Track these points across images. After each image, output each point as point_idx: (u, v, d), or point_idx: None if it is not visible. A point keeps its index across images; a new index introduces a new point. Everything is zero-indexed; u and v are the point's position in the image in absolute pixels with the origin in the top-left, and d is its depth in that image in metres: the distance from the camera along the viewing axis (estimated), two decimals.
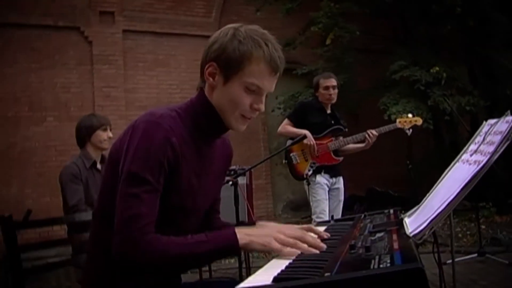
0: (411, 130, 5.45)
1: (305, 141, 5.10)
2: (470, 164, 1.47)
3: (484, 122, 1.66)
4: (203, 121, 1.80)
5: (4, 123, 9.27)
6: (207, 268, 5.65)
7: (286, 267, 1.28)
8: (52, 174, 8.92)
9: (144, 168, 1.60)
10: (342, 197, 5.47)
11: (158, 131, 1.64)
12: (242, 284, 1.12)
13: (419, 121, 5.45)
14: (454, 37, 11.11)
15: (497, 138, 1.42)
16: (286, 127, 5.41)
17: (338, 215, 5.29)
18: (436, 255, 2.04)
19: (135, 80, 10.59)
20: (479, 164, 1.39)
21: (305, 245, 1.55)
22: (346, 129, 5.46)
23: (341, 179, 5.47)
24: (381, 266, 1.04)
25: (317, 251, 1.51)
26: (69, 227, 3.63)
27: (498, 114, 6.27)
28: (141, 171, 1.59)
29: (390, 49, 11.00)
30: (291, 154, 5.38)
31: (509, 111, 1.57)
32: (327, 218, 5.01)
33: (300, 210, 11.63)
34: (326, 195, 5.30)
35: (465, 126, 6.34)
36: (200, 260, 1.63)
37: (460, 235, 7.73)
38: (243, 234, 1.59)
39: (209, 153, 1.87)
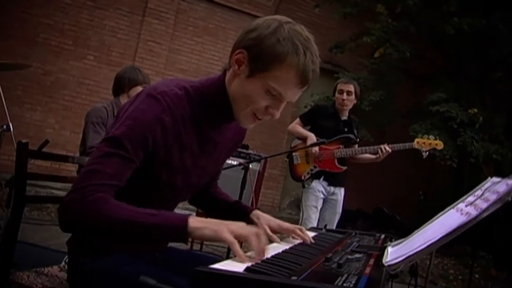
0: (427, 152, 5.23)
1: (307, 143, 5.01)
2: (461, 214, 1.51)
3: (489, 178, 1.69)
4: (212, 106, 1.73)
5: (45, 50, 9.43)
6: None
7: (262, 260, 1.34)
8: (78, 111, 9.13)
9: (126, 135, 1.56)
10: (339, 210, 5.27)
11: (153, 107, 1.60)
12: (216, 265, 1.18)
13: (439, 145, 5.20)
14: (502, 85, 10.99)
15: (492, 197, 1.46)
16: (295, 126, 5.31)
17: (333, 227, 5.11)
18: None
19: (181, 42, 10.66)
20: (468, 216, 1.43)
21: (255, 243, 1.45)
22: (358, 140, 5.29)
23: (341, 190, 5.26)
24: (344, 284, 1.10)
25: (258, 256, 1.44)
26: (79, 167, 3.69)
27: None
28: (121, 137, 1.55)
29: (435, 79, 10.92)
30: (293, 154, 5.26)
31: None
32: (312, 226, 5.02)
33: None
34: (318, 203, 5.13)
35: (485, 173, 6.26)
36: (143, 231, 1.48)
37: (451, 277, 7.71)
38: (197, 219, 1.49)
39: (215, 137, 1.83)
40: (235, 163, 5.08)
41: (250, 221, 1.92)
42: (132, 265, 1.71)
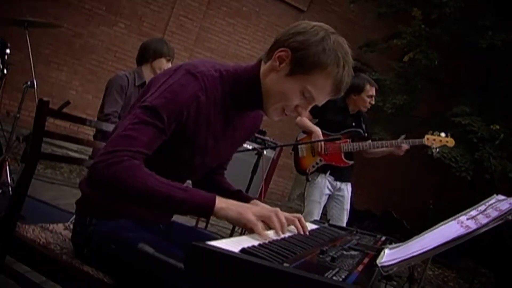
0: (438, 150, 5.14)
1: (312, 137, 4.93)
2: (461, 226, 1.52)
3: (495, 195, 1.71)
4: (242, 92, 1.80)
5: (78, 13, 9.52)
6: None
7: (259, 244, 1.36)
8: (103, 76, 9.20)
9: (164, 107, 1.61)
10: (347, 206, 5.16)
11: (192, 84, 1.66)
12: (213, 242, 1.21)
13: (451, 142, 5.06)
14: None
15: (494, 214, 1.47)
16: (303, 119, 5.09)
17: (343, 224, 5.04)
18: None
19: (213, 21, 10.68)
20: (467, 229, 1.44)
21: (276, 224, 1.62)
22: (366, 134, 5.14)
23: (348, 186, 5.16)
24: (333, 277, 1.12)
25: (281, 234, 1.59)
26: (96, 132, 3.74)
27: None
28: (160, 108, 1.60)
29: (461, 90, 10.85)
30: (299, 146, 5.16)
31: None
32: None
33: None
34: (321, 198, 5.03)
35: (497, 191, 6.17)
36: (171, 204, 1.58)
37: None
38: (222, 200, 1.60)
39: (237, 121, 1.89)
40: (250, 147, 5.11)
41: None
42: (135, 232, 1.76)
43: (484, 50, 9.68)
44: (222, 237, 1.79)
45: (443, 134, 5.07)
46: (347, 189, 5.16)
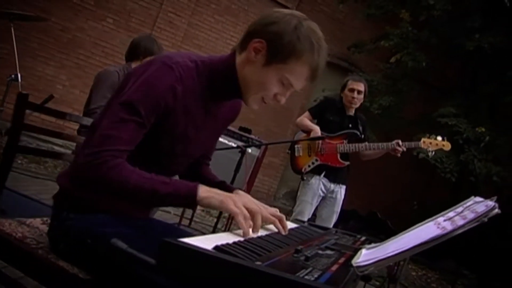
0: (434, 153, 5.21)
1: (311, 135, 4.97)
2: (438, 227, 1.52)
3: (472, 197, 1.71)
4: (220, 82, 1.82)
5: (66, 7, 9.45)
6: (190, 216, 5.77)
7: (234, 242, 1.35)
8: (90, 71, 9.16)
9: (141, 101, 1.63)
10: (338, 209, 5.21)
11: (168, 75, 1.68)
12: (185, 239, 1.20)
13: (447, 145, 5.13)
14: None
15: (470, 216, 1.47)
16: (303, 119, 5.24)
17: (330, 225, 5.06)
18: None
19: (201, 18, 10.65)
20: (443, 230, 1.44)
21: (258, 222, 1.62)
22: (363, 136, 5.21)
23: (342, 188, 5.23)
24: (305, 277, 1.11)
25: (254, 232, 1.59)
26: (80, 127, 3.72)
27: None
28: (137, 103, 1.63)
29: (448, 92, 10.90)
30: (296, 146, 5.22)
31: (496, 197, 1.62)
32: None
33: None
34: (314, 200, 5.08)
35: (481, 194, 6.17)
36: (156, 198, 1.62)
37: None
38: (205, 189, 1.63)
39: (216, 111, 1.92)
40: (234, 145, 5.10)
41: None
42: (112, 228, 1.75)
43: (472, 53, 9.74)
44: (203, 234, 1.79)
45: (439, 138, 5.13)
46: (340, 191, 5.20)
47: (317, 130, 5.01)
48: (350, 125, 5.17)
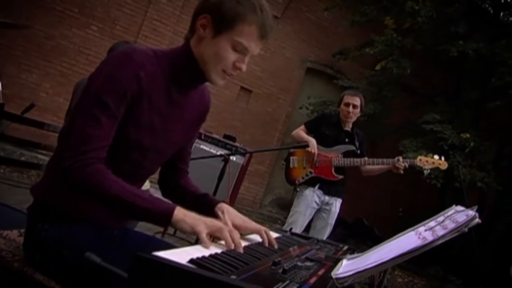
0: (429, 171, 5.16)
1: (309, 148, 4.96)
2: (419, 237, 1.50)
3: (454, 206, 1.70)
4: (180, 68, 1.85)
5: (50, 14, 9.39)
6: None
7: (210, 255, 1.33)
8: (74, 79, 9.08)
9: (108, 93, 1.66)
10: (332, 221, 5.19)
11: (129, 62, 1.70)
12: (159, 252, 1.17)
13: (443, 164, 5.09)
14: (499, 114, 11.02)
15: (451, 226, 1.45)
16: (299, 131, 5.28)
17: (322, 238, 4.95)
18: None
19: (186, 26, 10.42)
20: (423, 241, 1.43)
21: (227, 238, 1.59)
22: (359, 151, 5.20)
23: (338, 201, 5.19)
24: None
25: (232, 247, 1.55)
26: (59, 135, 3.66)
27: (504, 202, 6.27)
28: (104, 96, 1.65)
29: (433, 99, 10.95)
30: (291, 157, 5.20)
31: (477, 206, 1.61)
32: (296, 231, 4.97)
33: (286, 210, 11.66)
34: (307, 211, 5.06)
35: (466, 201, 6.18)
36: (132, 211, 1.65)
37: None
38: (181, 212, 1.64)
39: (182, 101, 1.92)
40: (218, 153, 5.08)
41: (214, 214, 1.94)
42: (87, 239, 1.75)
43: (455, 59, 9.78)
44: (189, 243, 1.77)
45: (436, 157, 5.12)
46: (335, 204, 5.19)
47: (313, 143, 5.02)
48: (347, 140, 5.19)
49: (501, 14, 12.07)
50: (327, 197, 5.13)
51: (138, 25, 10.14)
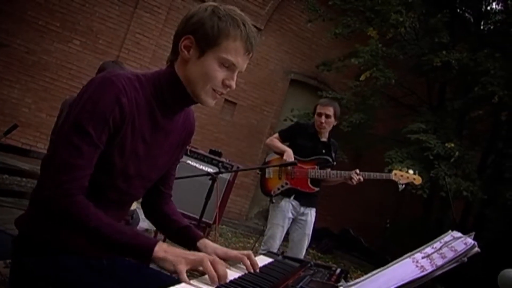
0: (403, 186, 5.08)
1: (284, 157, 4.89)
2: (416, 266, 1.47)
3: (450, 231, 1.66)
4: (166, 91, 1.81)
5: (31, 29, 9.32)
6: None
7: None
8: (56, 94, 9.03)
9: (88, 120, 1.61)
10: (309, 231, 5.12)
11: (110, 88, 1.66)
12: None
13: (417, 180, 5.04)
14: (483, 123, 11.12)
15: (449, 255, 1.42)
16: (273, 140, 5.17)
17: (302, 249, 5.08)
18: None
19: (169, 39, 10.53)
20: (423, 271, 1.40)
21: (210, 271, 1.53)
22: (335, 163, 5.15)
23: (312, 211, 5.12)
24: None
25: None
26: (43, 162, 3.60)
27: (489, 208, 6.31)
28: (85, 123, 1.61)
29: (417, 108, 11.03)
30: (267, 168, 5.13)
31: (474, 233, 1.58)
32: (276, 245, 4.93)
33: None
34: (284, 222, 5.00)
35: (453, 211, 6.20)
36: (111, 246, 1.61)
37: None
38: (162, 248, 1.59)
39: (167, 125, 1.89)
40: (205, 168, 5.04)
41: (197, 249, 1.94)
42: (76, 272, 1.70)
43: (438, 69, 9.88)
44: (170, 276, 1.73)
45: (411, 171, 5.08)
46: (310, 213, 5.11)
47: (289, 153, 4.93)
48: (324, 151, 5.11)
49: (482, 23, 12.23)
50: (302, 208, 5.06)
51: (121, 38, 10.10)
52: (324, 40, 11.66)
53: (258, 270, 1.77)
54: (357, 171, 4.94)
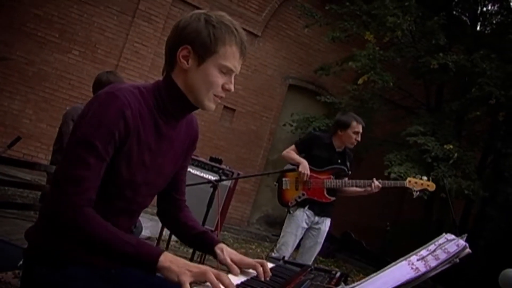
0: (418, 193, 5.19)
1: (300, 168, 4.94)
2: (412, 268, 1.52)
3: (444, 234, 1.72)
4: (167, 101, 1.86)
5: (30, 40, 9.37)
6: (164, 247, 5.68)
7: None
8: (57, 105, 9.08)
9: (95, 135, 1.65)
10: (321, 240, 5.17)
11: (114, 102, 1.70)
12: None
13: (431, 186, 5.12)
14: (480, 124, 11.16)
15: (442, 256, 1.48)
16: (290, 152, 5.19)
17: (312, 256, 5.15)
18: None
19: None
20: (417, 272, 1.45)
21: (213, 282, 1.54)
22: (350, 172, 5.18)
23: (327, 221, 5.18)
24: None
25: None
26: (48, 175, 3.65)
27: (490, 207, 6.35)
28: (91, 137, 1.65)
29: (416, 111, 11.07)
30: (283, 179, 5.16)
31: (466, 234, 1.64)
32: (288, 252, 4.95)
33: (274, 227, 11.69)
34: (298, 231, 5.04)
35: (453, 213, 6.21)
36: (117, 256, 1.64)
37: None
38: (167, 258, 1.61)
39: (171, 134, 1.93)
40: (206, 176, 5.08)
41: (214, 254, 1.99)
42: (85, 282, 1.74)
43: (436, 71, 9.92)
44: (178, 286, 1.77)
45: (425, 178, 5.15)
46: (325, 223, 5.16)
47: (305, 164, 4.99)
48: (339, 161, 5.16)
49: (478, 24, 12.29)
50: (317, 217, 5.11)
51: (120, 48, 10.15)
52: (321, 45, 11.72)
53: (268, 279, 1.81)
54: (374, 179, 5.02)
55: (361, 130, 5.12)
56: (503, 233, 10.95)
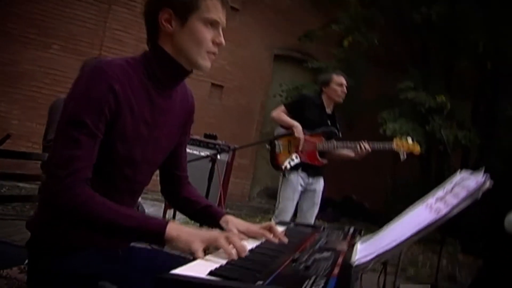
0: (405, 156, 5.09)
1: (296, 134, 4.88)
2: (431, 210, 1.48)
3: (459, 170, 1.67)
4: (157, 69, 1.81)
5: (9, 40, 9.24)
6: None
7: (227, 262, 1.30)
8: (43, 101, 8.96)
9: (84, 112, 1.60)
10: (318, 200, 5.18)
11: (102, 77, 1.64)
12: (177, 270, 1.14)
13: (416, 150, 5.04)
14: (469, 73, 11.13)
15: (463, 193, 1.43)
16: (280, 113, 5.13)
17: (311, 218, 5.14)
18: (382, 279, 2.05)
19: None
20: (438, 213, 1.40)
21: (225, 247, 1.48)
22: (340, 134, 5.16)
23: (320, 180, 5.18)
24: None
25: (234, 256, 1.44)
26: (42, 162, 3.60)
27: (488, 153, 6.36)
28: (80, 115, 1.60)
29: (404, 67, 11.00)
30: (276, 142, 5.12)
31: (484, 167, 1.59)
32: (287, 218, 4.90)
33: (275, 198, 11.66)
34: (295, 195, 5.03)
35: (452, 161, 6.21)
36: (122, 232, 1.59)
37: (420, 264, 7.78)
38: (174, 228, 1.57)
39: (165, 105, 1.88)
40: (203, 154, 5.03)
41: (220, 226, 1.97)
42: (94, 266, 1.70)
43: (420, 25, 9.85)
44: (185, 258, 1.73)
45: (409, 140, 5.09)
46: (319, 182, 5.17)
47: (299, 129, 4.93)
48: (329, 122, 5.13)
49: None
50: (311, 179, 5.11)
51: (100, 37, 10.03)
52: (304, 12, 11.60)
53: (284, 239, 1.78)
54: (366, 145, 4.97)
55: (344, 82, 5.11)
56: (502, 179, 10.98)
